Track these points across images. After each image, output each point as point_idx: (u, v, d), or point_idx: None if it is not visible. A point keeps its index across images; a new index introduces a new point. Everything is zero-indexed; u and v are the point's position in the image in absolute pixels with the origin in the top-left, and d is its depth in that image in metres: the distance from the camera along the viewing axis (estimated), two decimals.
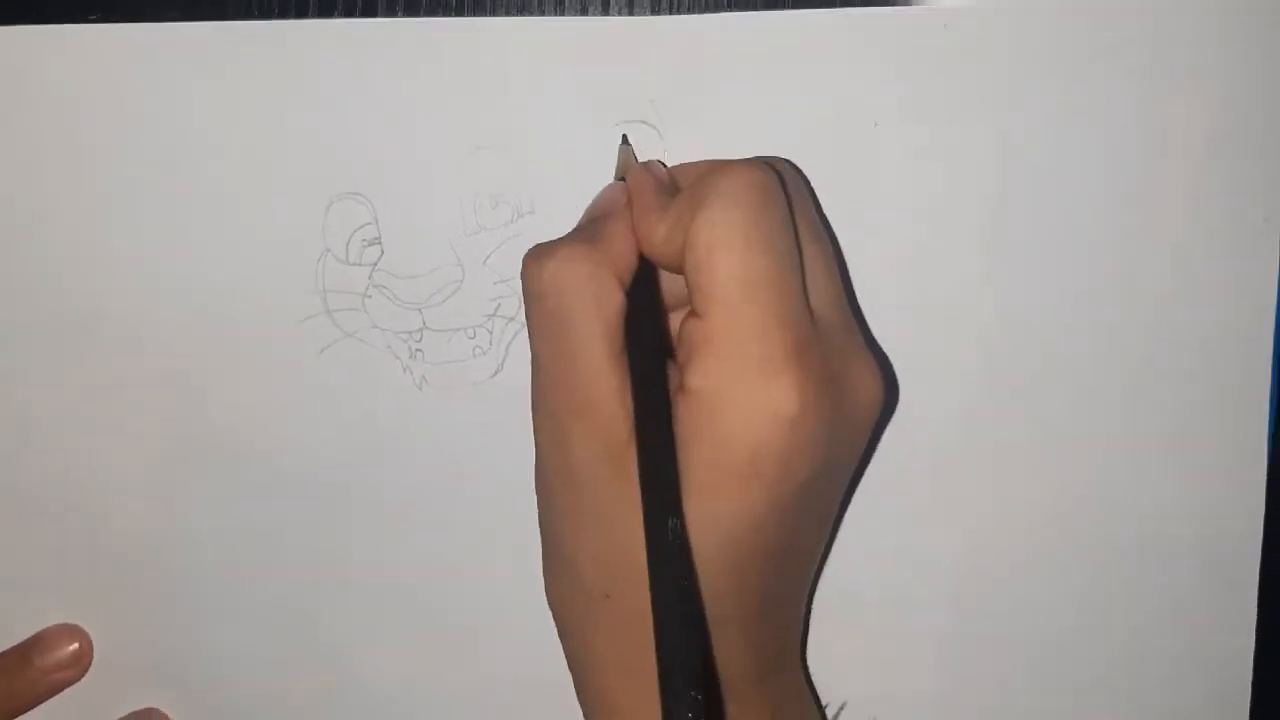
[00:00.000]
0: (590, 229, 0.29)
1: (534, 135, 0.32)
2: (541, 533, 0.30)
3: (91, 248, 0.34)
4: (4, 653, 0.36)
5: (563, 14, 0.33)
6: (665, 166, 0.31)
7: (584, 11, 0.32)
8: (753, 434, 0.26)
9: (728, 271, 0.26)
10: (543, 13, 0.32)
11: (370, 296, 0.33)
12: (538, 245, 0.28)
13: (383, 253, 0.33)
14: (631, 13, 0.32)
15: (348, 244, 0.33)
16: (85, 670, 0.36)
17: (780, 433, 0.26)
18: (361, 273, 0.33)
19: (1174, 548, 0.34)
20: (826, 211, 0.32)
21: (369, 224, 0.33)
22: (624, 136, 0.32)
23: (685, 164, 0.31)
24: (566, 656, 0.30)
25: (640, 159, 0.32)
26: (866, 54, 0.32)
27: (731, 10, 0.32)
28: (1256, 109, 0.32)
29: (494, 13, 0.32)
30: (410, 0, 0.33)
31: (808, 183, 0.32)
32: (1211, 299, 0.33)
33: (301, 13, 0.33)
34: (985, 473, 0.34)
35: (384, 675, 0.36)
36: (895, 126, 0.32)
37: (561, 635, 0.30)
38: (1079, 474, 0.34)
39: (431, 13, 0.32)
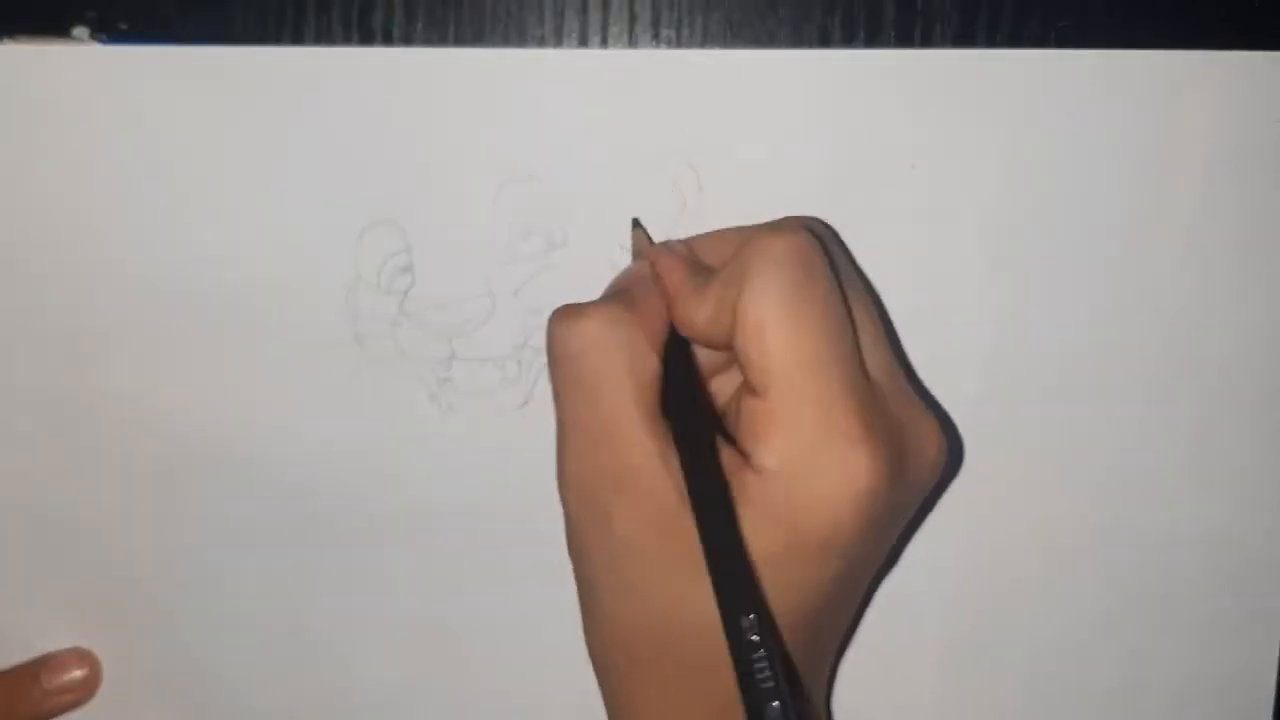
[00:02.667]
0: (620, 297, 0.28)
1: (568, 167, 0.32)
2: (580, 595, 0.29)
3: (115, 265, 0.33)
4: (12, 670, 0.36)
5: (598, 46, 0.33)
6: (682, 245, 0.30)
7: (617, 44, 0.33)
8: (831, 509, 0.26)
9: (783, 348, 0.26)
10: (578, 45, 0.33)
11: (400, 325, 0.33)
12: (567, 306, 0.28)
13: (414, 281, 0.33)
14: (663, 46, 0.33)
15: (380, 271, 0.33)
16: (92, 694, 0.36)
17: (857, 506, 0.26)
18: (392, 300, 0.33)
19: (1189, 560, 0.35)
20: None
21: (402, 251, 0.33)
22: (635, 220, 0.32)
23: (706, 235, 0.31)
24: (605, 701, 0.30)
25: (676, 192, 0.32)
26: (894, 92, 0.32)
27: (762, 46, 0.33)
28: (1269, 111, 0.33)
29: (530, 45, 0.33)
30: (444, 32, 0.33)
31: (839, 239, 0.32)
32: (1227, 304, 0.33)
33: (338, 40, 0.33)
34: (991, 481, 0.34)
35: (400, 695, 0.36)
36: (929, 164, 0.32)
37: (601, 682, 0.30)
38: (1089, 484, 0.34)
39: (469, 43, 0.33)
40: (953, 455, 0.33)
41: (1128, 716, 0.35)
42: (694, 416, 0.27)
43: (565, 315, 0.27)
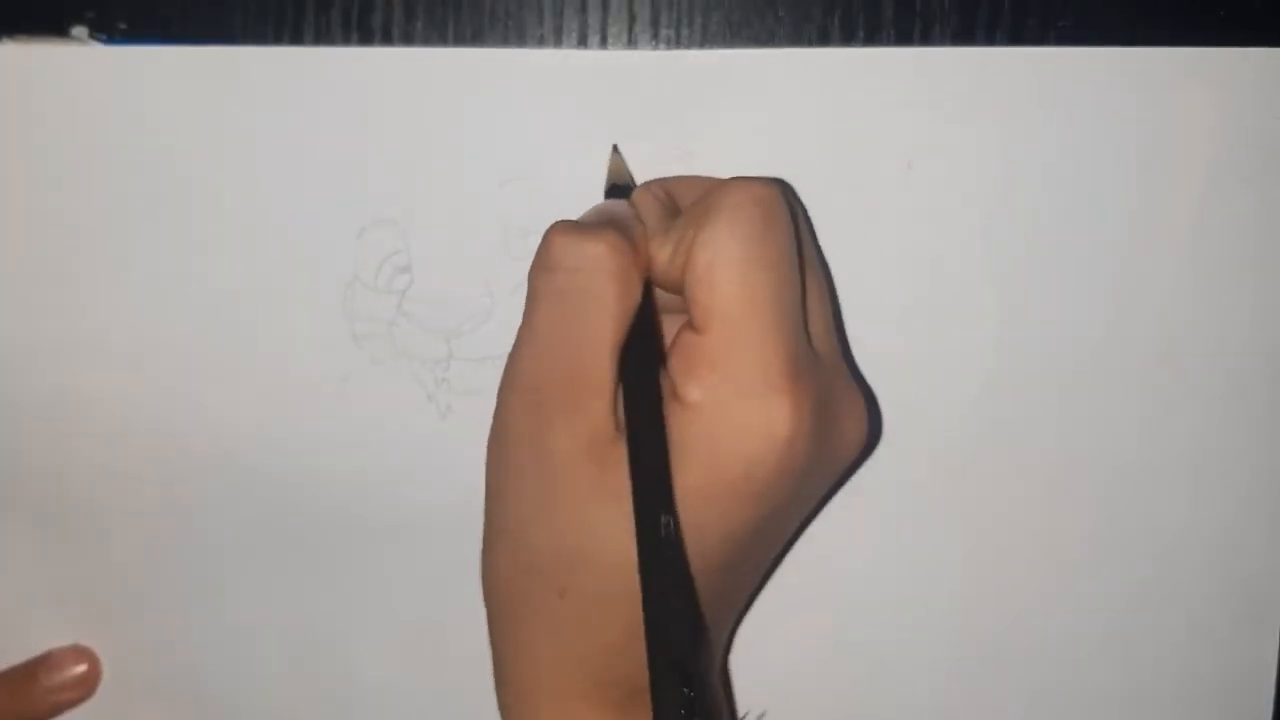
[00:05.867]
0: (620, 228, 0.28)
1: (568, 167, 0.32)
2: (490, 513, 0.29)
3: (112, 265, 0.33)
4: (11, 669, 0.36)
5: (598, 46, 0.33)
6: (662, 185, 0.31)
7: (617, 44, 0.33)
8: (748, 450, 0.26)
9: (728, 287, 0.26)
10: (578, 45, 0.33)
11: (398, 324, 0.33)
12: (570, 221, 0.28)
13: (412, 281, 0.33)
14: (663, 46, 0.33)
15: (378, 271, 0.33)
16: (91, 692, 0.36)
17: (774, 451, 0.26)
18: (390, 300, 0.33)
19: (1189, 565, 0.35)
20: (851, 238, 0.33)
21: (400, 251, 0.33)
22: (614, 146, 0.32)
23: (686, 177, 0.31)
24: (493, 643, 0.29)
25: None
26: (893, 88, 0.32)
27: (762, 45, 0.33)
28: (1271, 107, 0.32)
29: (530, 45, 0.33)
30: (444, 32, 0.33)
31: (806, 213, 0.32)
32: (1229, 302, 0.33)
33: (338, 40, 0.33)
34: (990, 482, 0.34)
35: (399, 698, 0.36)
36: (926, 161, 0.32)
37: (494, 621, 0.29)
38: (1090, 484, 0.34)
39: (469, 43, 0.33)
40: (872, 439, 0.33)
41: (1128, 717, 0.35)
42: (647, 355, 0.27)
43: (572, 229, 0.27)
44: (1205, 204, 0.33)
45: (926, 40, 0.33)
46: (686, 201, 0.30)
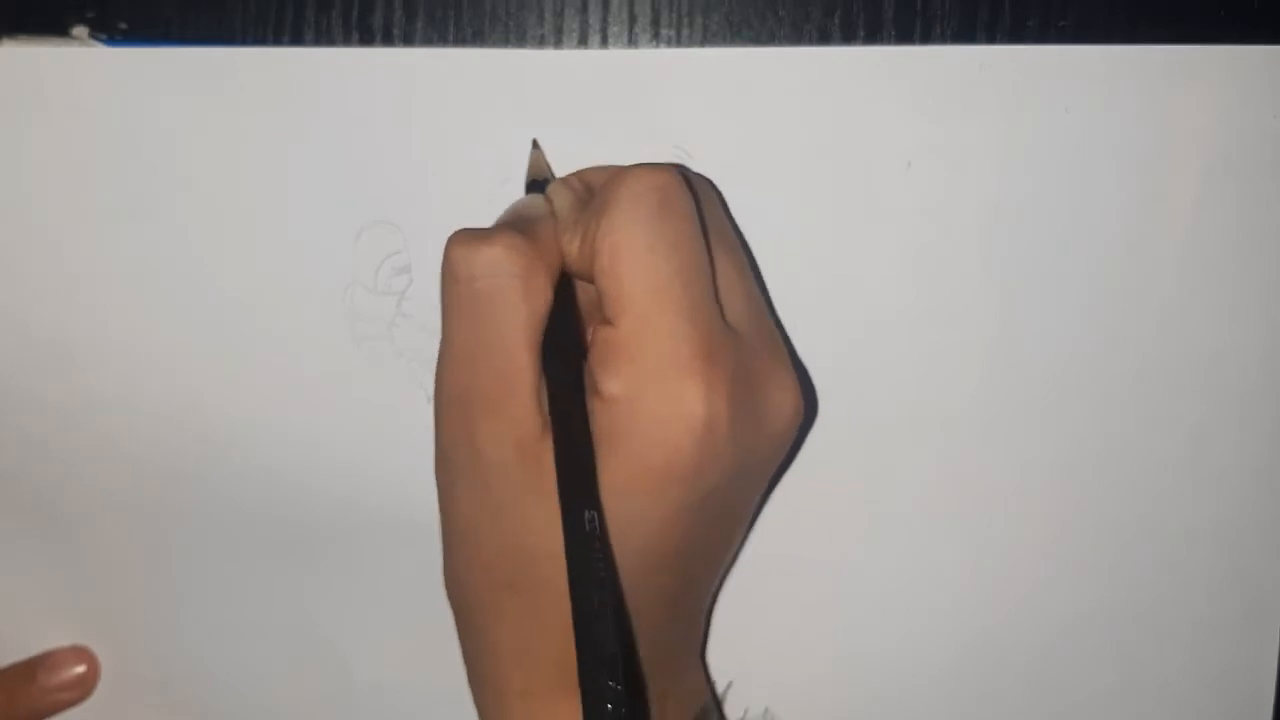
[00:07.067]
0: (522, 226, 0.28)
1: (567, 167, 0.32)
2: (443, 517, 0.30)
3: (112, 265, 0.33)
4: (10, 667, 0.36)
5: (598, 46, 0.33)
6: (580, 177, 0.31)
7: (617, 44, 0.33)
8: (667, 437, 0.26)
9: (632, 277, 0.26)
10: (578, 45, 0.33)
11: (398, 325, 0.33)
12: (468, 230, 0.28)
13: (412, 281, 0.33)
14: (663, 46, 0.33)
15: (377, 271, 0.33)
16: (89, 693, 0.36)
17: (692, 434, 0.26)
18: (390, 301, 0.33)
19: (1190, 564, 0.35)
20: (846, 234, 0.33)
21: (399, 252, 0.33)
22: (534, 141, 0.32)
23: (599, 167, 0.31)
24: (463, 648, 0.30)
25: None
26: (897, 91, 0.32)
27: (762, 45, 0.33)
28: (1269, 106, 0.32)
29: (530, 45, 0.33)
30: (444, 32, 0.33)
31: (720, 195, 0.32)
32: (1226, 301, 0.33)
33: (338, 40, 0.33)
34: (990, 482, 0.34)
35: (396, 692, 0.36)
36: (926, 161, 0.32)
37: (460, 625, 0.30)
38: (1088, 483, 0.34)
39: (469, 43, 0.33)
40: (808, 417, 0.33)
41: (1128, 716, 0.35)
42: (568, 350, 0.27)
43: (467, 239, 0.27)
44: (1204, 203, 0.33)
45: (926, 40, 0.33)
46: (597, 183, 0.30)
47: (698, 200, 0.28)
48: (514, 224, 0.29)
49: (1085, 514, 0.34)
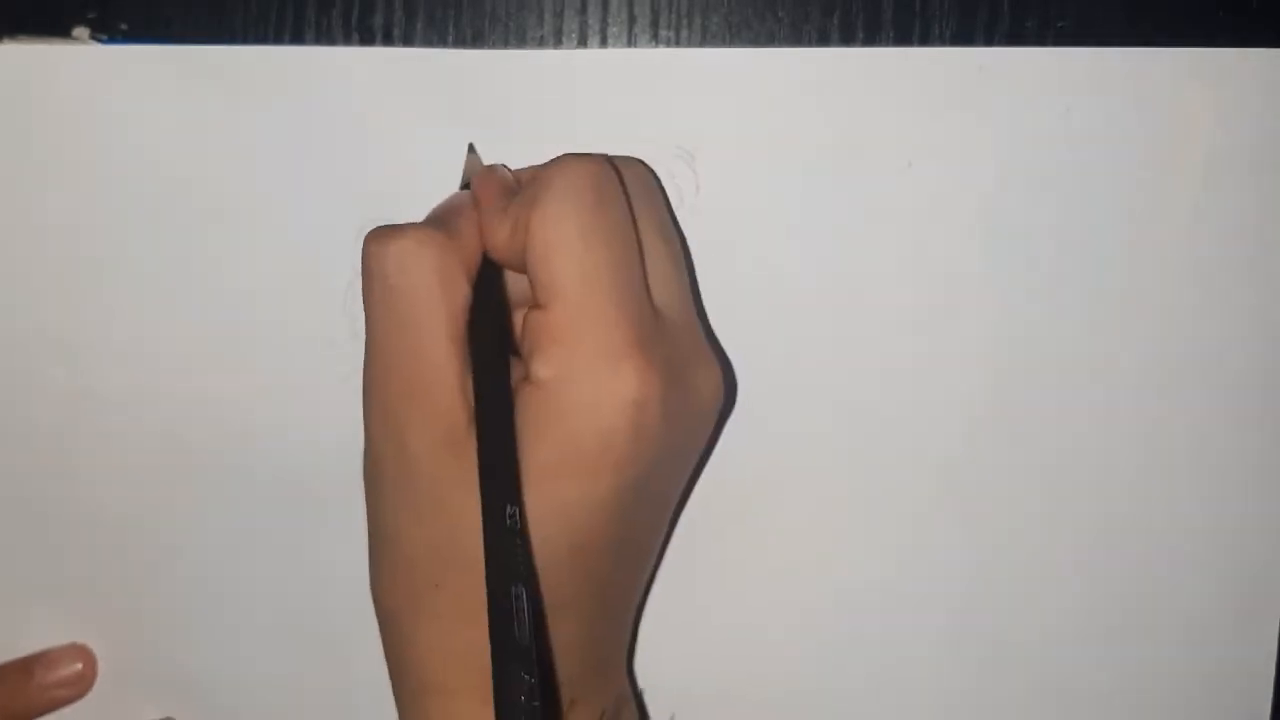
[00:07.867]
0: (438, 221, 0.29)
1: None
2: (370, 523, 0.30)
3: (112, 264, 0.33)
4: (7, 664, 0.36)
5: (598, 46, 0.33)
6: (510, 170, 0.31)
7: (616, 44, 0.33)
8: (601, 419, 0.26)
9: (565, 264, 0.27)
10: (578, 45, 0.33)
11: None
12: (382, 226, 0.28)
13: None
14: (662, 46, 0.33)
15: None
16: (86, 690, 0.36)
17: (627, 417, 0.26)
18: None
19: (1189, 563, 0.35)
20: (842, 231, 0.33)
21: None
22: (470, 145, 0.32)
23: (528, 167, 0.31)
24: (386, 650, 0.30)
25: (674, 191, 0.32)
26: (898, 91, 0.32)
27: (762, 45, 0.33)
28: (1269, 108, 0.33)
29: (530, 45, 0.33)
30: (444, 32, 0.33)
31: (659, 184, 0.32)
32: (1227, 302, 0.33)
33: (338, 40, 0.33)
34: (990, 482, 0.34)
35: None
36: (926, 161, 0.33)
37: (384, 627, 0.30)
38: (1089, 483, 0.34)
39: (469, 44, 0.33)
40: (728, 402, 0.33)
41: (1127, 716, 0.35)
42: (492, 340, 0.28)
43: (380, 235, 0.28)
44: (1204, 203, 0.33)
45: (926, 40, 0.33)
46: (526, 179, 0.30)
47: (626, 189, 0.28)
48: (430, 218, 0.29)
49: (1084, 513, 0.34)
